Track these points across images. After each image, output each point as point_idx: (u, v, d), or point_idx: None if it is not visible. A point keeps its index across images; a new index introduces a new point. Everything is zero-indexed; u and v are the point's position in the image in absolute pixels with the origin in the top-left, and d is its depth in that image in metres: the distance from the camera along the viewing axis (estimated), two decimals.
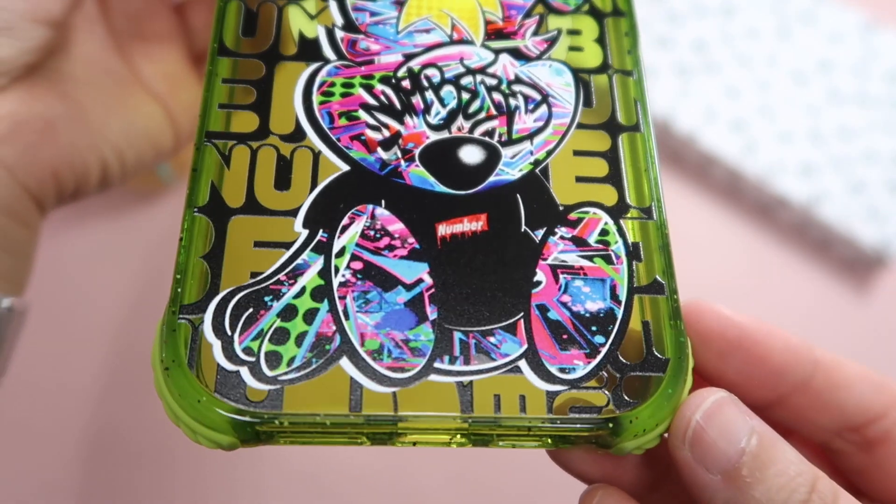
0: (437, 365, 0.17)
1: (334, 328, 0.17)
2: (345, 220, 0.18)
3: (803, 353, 0.18)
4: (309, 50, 0.20)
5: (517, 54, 0.21)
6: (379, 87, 0.20)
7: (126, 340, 0.38)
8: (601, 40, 0.21)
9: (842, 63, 0.45)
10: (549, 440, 0.17)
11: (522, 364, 0.17)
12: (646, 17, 0.46)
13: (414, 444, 0.17)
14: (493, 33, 0.21)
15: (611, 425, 0.17)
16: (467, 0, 0.22)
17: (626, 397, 0.17)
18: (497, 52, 0.21)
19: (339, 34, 0.21)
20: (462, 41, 0.21)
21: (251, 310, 0.17)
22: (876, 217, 0.41)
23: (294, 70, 0.20)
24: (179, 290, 0.17)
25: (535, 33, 0.21)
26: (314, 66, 0.20)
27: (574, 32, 0.21)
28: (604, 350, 0.17)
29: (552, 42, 0.21)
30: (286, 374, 0.16)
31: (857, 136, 0.43)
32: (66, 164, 0.24)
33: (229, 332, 0.17)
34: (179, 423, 0.16)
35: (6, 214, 0.23)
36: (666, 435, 0.17)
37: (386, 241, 0.18)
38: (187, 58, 0.28)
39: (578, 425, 0.17)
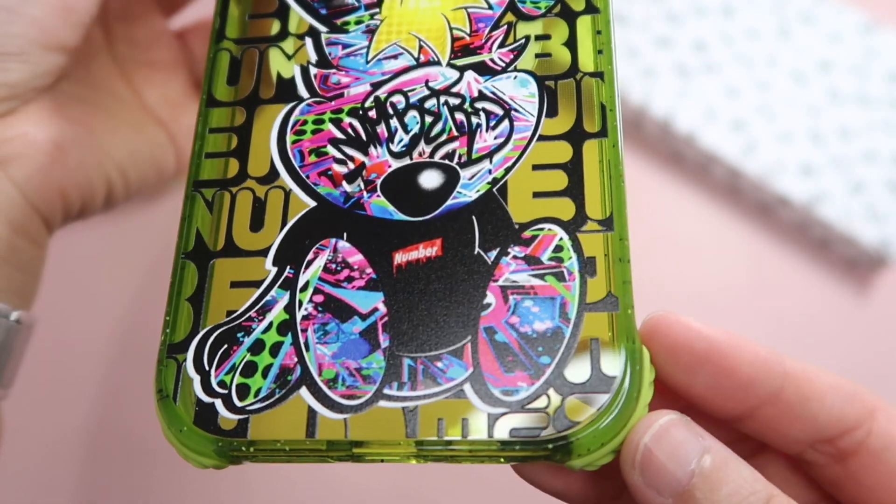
0: (386, 391, 0.18)
1: (296, 360, 0.18)
2: (310, 256, 0.20)
3: (772, 364, 0.18)
4: (285, 90, 0.22)
5: (482, 69, 0.21)
6: (347, 119, 0.21)
7: (128, 342, 0.40)
8: (570, 43, 0.21)
9: (842, 63, 0.45)
10: (502, 459, 0.18)
11: (467, 388, 0.18)
12: (646, 17, 0.45)
13: (382, 460, 0.19)
14: (460, 50, 0.21)
15: (550, 446, 0.17)
16: (436, 18, 0.22)
17: (567, 418, 0.17)
18: (462, 69, 0.21)
19: (313, 71, 0.22)
20: (428, 62, 0.21)
21: (226, 346, 0.19)
22: (876, 217, 0.41)
23: (271, 112, 0.21)
24: (168, 330, 0.19)
25: (502, 44, 0.21)
26: (288, 106, 0.21)
27: (543, 37, 0.21)
28: (548, 371, 0.18)
29: (519, 52, 0.21)
30: (252, 404, 0.18)
31: (857, 136, 0.43)
32: (74, 184, 0.25)
33: (207, 368, 0.19)
34: (172, 444, 0.19)
35: (16, 231, 0.24)
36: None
37: (346, 273, 0.19)
38: (189, 84, 0.30)
39: (518, 447, 0.17)
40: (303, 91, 0.21)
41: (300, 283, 0.19)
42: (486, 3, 0.22)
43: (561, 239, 0.19)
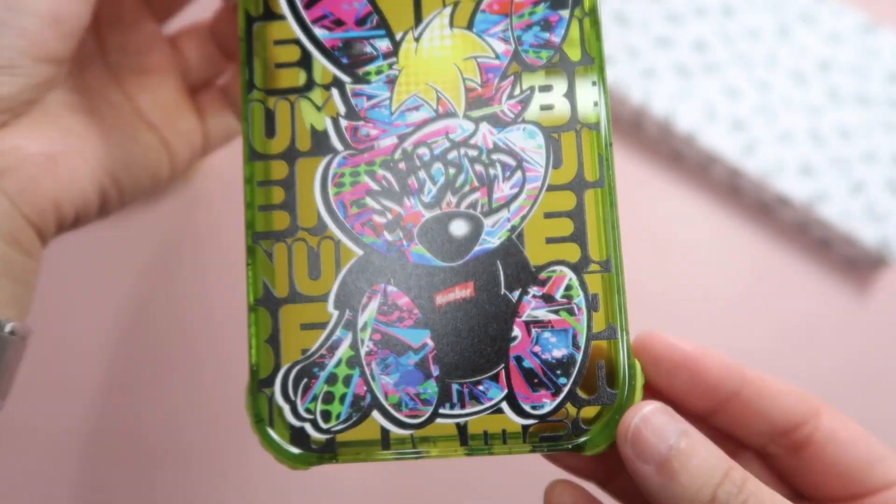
0: (441, 411, 0.23)
1: (366, 389, 0.23)
2: (364, 300, 0.24)
3: (734, 370, 0.23)
4: (321, 143, 0.24)
5: (495, 121, 0.24)
6: (380, 172, 0.24)
7: (129, 341, 0.41)
8: (570, 94, 0.24)
9: (842, 63, 0.44)
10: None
11: (504, 405, 0.23)
12: (646, 17, 0.45)
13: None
14: (474, 101, 0.24)
15: (570, 446, 0.23)
16: (449, 69, 0.24)
17: (582, 425, 0.23)
18: (477, 121, 0.24)
19: (343, 123, 0.24)
20: (447, 114, 0.24)
21: (306, 379, 0.23)
22: (876, 217, 0.42)
23: (311, 165, 0.24)
24: (255, 368, 0.24)
25: (511, 95, 0.24)
26: (326, 159, 0.24)
27: (545, 89, 0.24)
28: (566, 389, 0.23)
29: (525, 103, 0.24)
30: (336, 426, 0.23)
31: (857, 136, 0.44)
32: (67, 194, 0.26)
33: (293, 398, 0.23)
34: (272, 455, 0.24)
35: (10, 243, 0.25)
36: None
37: (396, 314, 0.23)
38: (182, 88, 0.30)
39: (545, 448, 0.23)
40: (336, 143, 0.24)
41: (360, 324, 0.23)
42: (493, 52, 0.24)
43: (570, 279, 0.23)
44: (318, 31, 0.25)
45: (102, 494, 0.41)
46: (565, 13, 0.24)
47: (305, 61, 0.25)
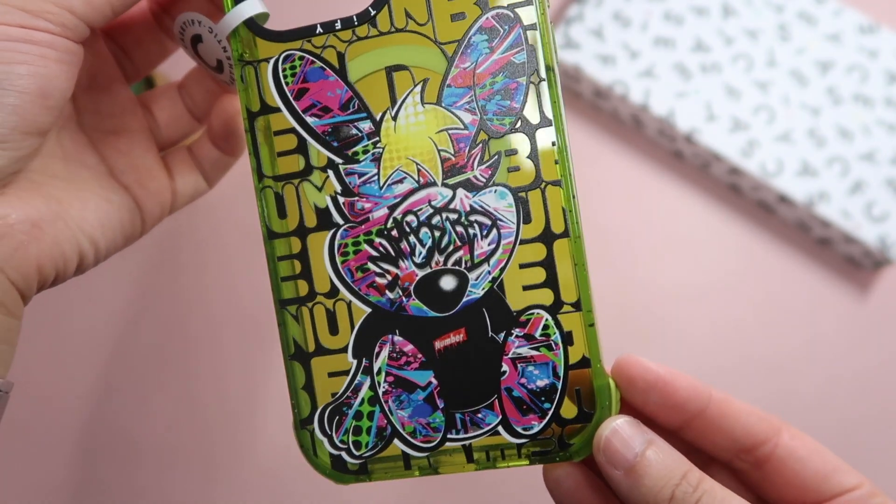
0: (449, 436, 0.28)
1: (386, 422, 0.28)
2: (377, 349, 0.28)
3: (701, 390, 0.26)
4: (324, 219, 0.28)
5: (470, 186, 0.27)
6: (377, 240, 0.28)
7: (126, 342, 0.42)
8: (533, 156, 0.27)
9: (841, 63, 0.43)
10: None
11: (500, 429, 0.27)
12: (645, 16, 0.45)
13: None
14: (449, 170, 0.27)
15: (557, 459, 0.27)
16: (425, 142, 0.27)
17: (566, 440, 0.27)
18: (454, 187, 0.27)
19: (341, 200, 0.28)
20: (428, 184, 0.27)
21: (338, 417, 0.28)
22: (876, 217, 0.42)
23: (319, 239, 0.28)
24: (297, 410, 0.29)
25: (481, 161, 0.27)
26: (331, 232, 0.28)
27: (511, 153, 0.27)
28: (550, 413, 0.27)
29: (494, 168, 0.27)
30: (366, 453, 0.28)
31: (856, 136, 0.43)
32: (49, 258, 0.27)
33: (329, 432, 0.29)
34: (318, 472, 0.29)
35: None
36: None
37: (404, 359, 0.28)
38: (153, 149, 0.32)
39: (539, 461, 0.27)
40: (338, 218, 0.28)
41: (375, 369, 0.28)
42: (462, 123, 0.27)
43: (547, 320, 0.27)
44: (310, 119, 0.28)
45: (99, 494, 0.41)
46: (523, 80, 0.27)
47: (302, 147, 0.28)
